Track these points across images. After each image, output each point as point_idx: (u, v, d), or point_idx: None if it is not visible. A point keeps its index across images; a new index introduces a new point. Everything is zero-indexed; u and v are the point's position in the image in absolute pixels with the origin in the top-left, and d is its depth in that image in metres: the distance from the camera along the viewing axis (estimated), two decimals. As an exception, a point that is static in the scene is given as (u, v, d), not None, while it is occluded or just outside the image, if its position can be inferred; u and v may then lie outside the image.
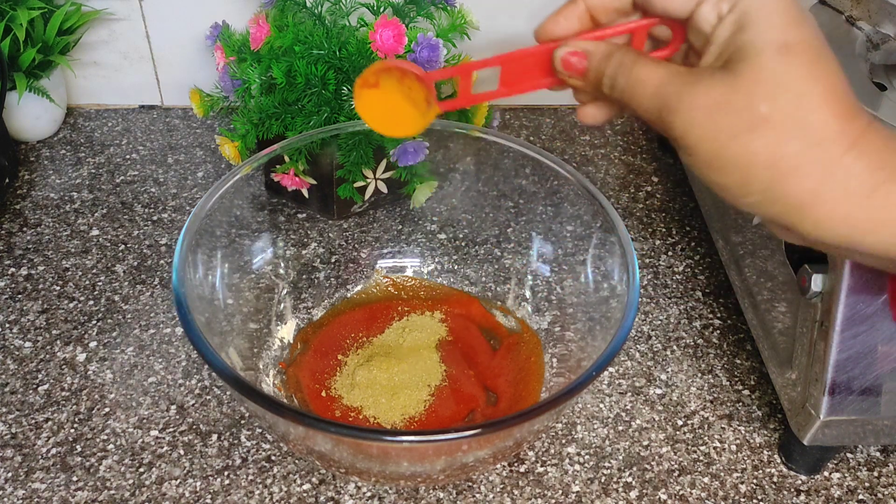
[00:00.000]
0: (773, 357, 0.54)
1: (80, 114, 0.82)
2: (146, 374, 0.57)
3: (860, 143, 0.27)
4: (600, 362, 0.42)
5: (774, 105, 0.27)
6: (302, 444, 0.45)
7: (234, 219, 0.55)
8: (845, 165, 0.27)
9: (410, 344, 0.57)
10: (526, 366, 0.56)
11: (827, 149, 0.27)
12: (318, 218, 0.66)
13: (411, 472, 0.46)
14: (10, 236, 0.68)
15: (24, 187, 0.73)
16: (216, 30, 0.69)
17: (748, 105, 0.28)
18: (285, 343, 0.57)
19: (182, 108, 0.84)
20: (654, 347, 0.61)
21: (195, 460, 0.52)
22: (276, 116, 0.62)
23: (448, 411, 0.53)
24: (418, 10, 0.67)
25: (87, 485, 0.51)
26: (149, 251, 0.67)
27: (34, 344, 0.59)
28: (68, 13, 0.74)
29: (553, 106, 0.86)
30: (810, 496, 0.52)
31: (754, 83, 0.27)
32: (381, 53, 0.62)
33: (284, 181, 0.64)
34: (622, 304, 0.46)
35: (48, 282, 0.64)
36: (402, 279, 0.62)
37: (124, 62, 0.81)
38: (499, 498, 0.51)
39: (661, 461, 0.54)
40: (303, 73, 0.61)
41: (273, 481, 0.51)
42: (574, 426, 0.55)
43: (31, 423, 0.54)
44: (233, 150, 0.66)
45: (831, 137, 0.27)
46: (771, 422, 0.56)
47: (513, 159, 0.59)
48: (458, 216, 0.65)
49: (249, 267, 0.58)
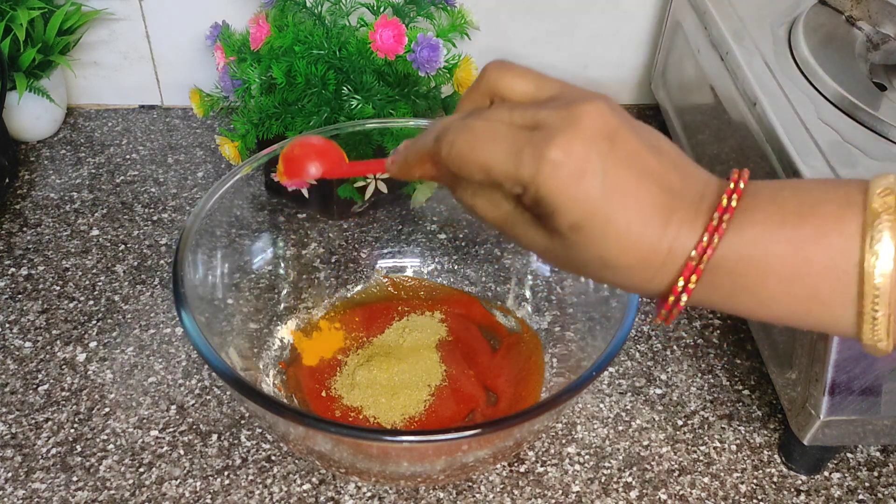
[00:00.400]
0: (773, 357, 0.54)
1: (80, 114, 0.82)
2: (146, 374, 0.57)
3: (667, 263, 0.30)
4: (600, 362, 0.42)
5: (586, 264, 0.31)
6: (302, 444, 0.45)
7: (234, 219, 0.55)
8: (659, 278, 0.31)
9: (410, 344, 0.57)
10: (526, 366, 0.56)
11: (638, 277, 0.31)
12: (318, 218, 0.66)
13: (411, 472, 0.46)
14: (10, 236, 0.68)
15: (24, 187, 0.73)
16: (216, 30, 0.69)
17: (567, 260, 0.32)
18: (285, 343, 0.57)
19: (182, 108, 0.84)
20: (654, 347, 0.61)
21: (195, 460, 0.52)
22: (276, 116, 0.62)
23: (448, 411, 0.53)
24: (418, 10, 0.67)
25: (87, 485, 0.51)
26: (149, 251, 0.67)
27: (34, 344, 0.59)
28: (68, 13, 0.74)
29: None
30: (810, 496, 0.52)
31: (564, 249, 0.31)
32: (381, 53, 0.62)
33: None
34: (622, 304, 0.46)
35: (48, 282, 0.64)
36: (402, 279, 0.62)
37: (124, 62, 0.81)
38: (499, 498, 0.51)
39: (661, 461, 0.54)
40: (303, 73, 0.61)
41: (273, 481, 0.51)
42: (574, 426, 0.55)
43: (31, 423, 0.54)
44: (233, 150, 0.66)
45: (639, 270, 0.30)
46: (771, 422, 0.56)
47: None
48: (458, 216, 0.65)
49: (249, 267, 0.58)
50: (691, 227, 0.30)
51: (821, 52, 0.61)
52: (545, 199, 0.29)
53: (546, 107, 0.31)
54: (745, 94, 0.59)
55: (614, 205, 0.29)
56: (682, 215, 0.30)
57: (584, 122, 0.29)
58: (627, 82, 0.86)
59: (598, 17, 0.81)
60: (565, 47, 0.82)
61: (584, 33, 0.82)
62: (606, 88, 0.86)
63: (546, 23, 0.81)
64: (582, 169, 0.29)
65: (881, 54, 0.63)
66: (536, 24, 0.81)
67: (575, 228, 0.30)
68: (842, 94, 0.56)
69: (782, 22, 0.66)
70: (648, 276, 0.30)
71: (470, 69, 0.66)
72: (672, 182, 0.30)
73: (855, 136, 0.54)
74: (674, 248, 0.30)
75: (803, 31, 0.63)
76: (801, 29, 0.63)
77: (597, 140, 0.29)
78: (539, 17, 0.80)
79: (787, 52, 0.62)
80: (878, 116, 0.55)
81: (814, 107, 0.56)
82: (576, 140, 0.29)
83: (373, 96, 0.62)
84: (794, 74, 0.60)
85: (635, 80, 0.86)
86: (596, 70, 0.85)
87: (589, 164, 0.29)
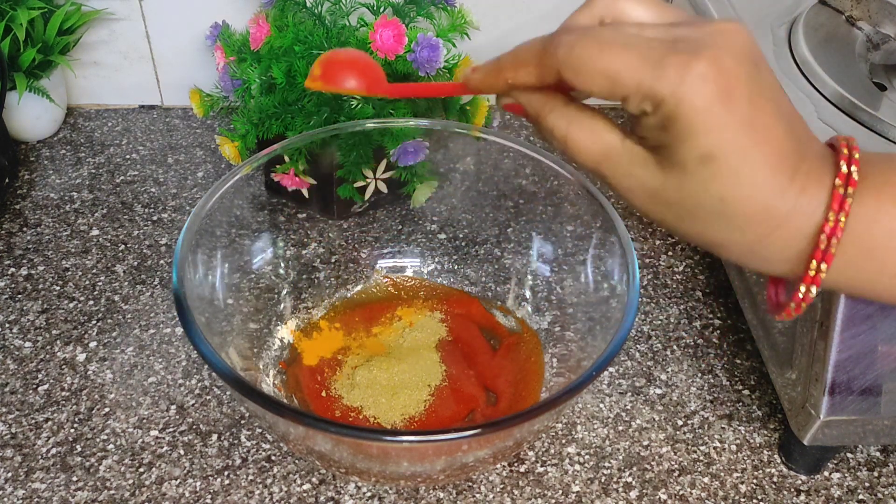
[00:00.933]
0: (773, 357, 0.54)
1: (80, 114, 0.82)
2: (146, 374, 0.57)
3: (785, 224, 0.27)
4: (600, 362, 0.42)
5: (699, 206, 0.28)
6: (302, 444, 0.45)
7: (234, 219, 0.55)
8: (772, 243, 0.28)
9: (410, 344, 0.57)
10: (526, 366, 0.56)
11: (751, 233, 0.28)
12: (318, 218, 0.66)
13: (411, 472, 0.46)
14: (10, 236, 0.68)
15: (24, 187, 0.73)
16: (216, 30, 0.69)
17: (679, 202, 0.28)
18: (285, 343, 0.57)
19: (182, 108, 0.84)
20: (654, 347, 0.61)
21: (195, 460, 0.52)
22: (276, 116, 0.62)
23: (448, 411, 0.53)
24: (418, 10, 0.67)
25: (87, 485, 0.51)
26: (149, 251, 0.67)
27: (34, 344, 0.59)
28: (68, 13, 0.74)
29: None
30: (810, 496, 0.52)
31: (679, 188, 0.28)
32: (381, 53, 0.62)
33: (284, 181, 0.64)
34: (622, 304, 0.46)
35: (48, 282, 0.64)
36: (402, 279, 0.62)
37: (124, 62, 0.81)
38: (499, 498, 0.51)
39: (661, 461, 0.54)
40: (303, 73, 0.61)
41: (273, 481, 0.51)
42: (574, 426, 0.55)
43: (31, 423, 0.54)
44: (233, 150, 0.66)
45: (756, 223, 0.28)
46: (771, 422, 0.56)
47: (513, 159, 0.59)
48: (458, 216, 0.65)
49: (249, 267, 0.58)
50: (817, 188, 0.27)
51: (821, 52, 0.61)
52: (683, 118, 0.26)
53: (680, 26, 0.28)
54: (745, 94, 0.59)
55: (754, 138, 0.26)
56: (808, 170, 0.27)
57: (732, 40, 0.26)
58: (627, 82, 0.86)
59: (598, 17, 0.81)
60: (565, 47, 0.82)
61: (584, 33, 0.82)
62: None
63: (546, 23, 0.80)
64: (731, 88, 0.26)
65: (881, 54, 0.63)
66: (536, 24, 0.81)
67: (706, 159, 0.26)
68: (842, 94, 0.56)
69: (782, 22, 0.66)
70: (761, 234, 0.28)
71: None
72: (799, 131, 0.28)
73: (855, 136, 0.54)
74: (797, 209, 0.27)
75: (803, 31, 0.63)
76: (801, 29, 0.63)
77: (745, 61, 0.26)
78: (539, 16, 0.80)
79: (787, 52, 0.62)
80: (878, 116, 0.55)
81: (814, 107, 0.56)
82: (727, 56, 0.26)
83: (373, 96, 0.62)
84: (794, 74, 0.60)
85: (635, 80, 0.86)
86: (596, 70, 0.84)
87: (738, 84, 0.26)
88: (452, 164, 0.63)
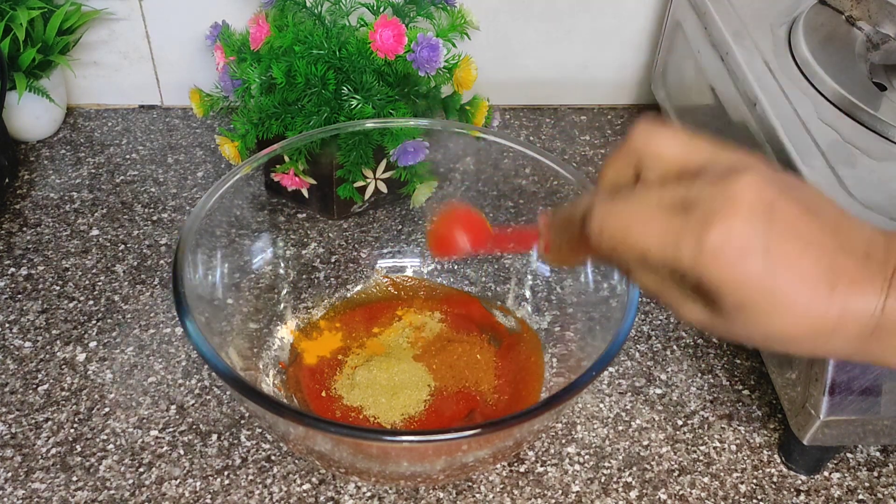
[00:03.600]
0: (773, 357, 0.54)
1: (80, 114, 0.82)
2: (146, 374, 0.57)
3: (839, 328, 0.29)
4: (600, 362, 0.42)
5: (751, 339, 0.31)
6: (302, 444, 0.45)
7: (234, 219, 0.55)
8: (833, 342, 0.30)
9: (410, 344, 0.57)
10: (526, 366, 0.56)
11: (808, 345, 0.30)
12: (318, 218, 0.66)
13: (411, 472, 0.46)
14: (10, 236, 0.68)
15: (24, 187, 0.73)
16: (216, 30, 0.69)
17: (732, 335, 0.31)
18: (285, 343, 0.57)
19: (182, 108, 0.84)
20: (654, 347, 0.61)
21: (195, 460, 0.52)
22: (276, 116, 0.62)
23: (448, 411, 0.53)
24: (418, 10, 0.67)
25: (87, 485, 0.51)
26: (149, 251, 0.67)
27: (34, 344, 0.59)
28: (68, 13, 0.74)
29: (553, 106, 0.86)
30: (810, 496, 0.52)
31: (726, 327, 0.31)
32: (381, 53, 0.62)
33: (284, 181, 0.64)
34: (622, 303, 0.46)
35: (48, 282, 0.64)
36: (402, 279, 0.62)
37: (124, 62, 0.81)
38: (499, 498, 0.51)
39: (661, 461, 0.54)
40: (303, 73, 0.61)
41: (273, 481, 0.51)
42: (574, 426, 0.55)
43: (31, 423, 0.54)
44: (233, 150, 0.66)
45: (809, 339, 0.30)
46: (771, 422, 0.56)
47: (513, 159, 0.59)
48: (458, 216, 0.65)
49: (249, 267, 0.58)
50: (862, 289, 0.29)
51: (821, 52, 0.61)
52: (706, 283, 0.29)
53: (697, 181, 0.30)
54: (746, 95, 0.59)
55: (778, 280, 0.28)
56: (850, 278, 0.29)
57: (740, 199, 0.28)
58: (627, 83, 0.86)
59: (598, 18, 0.81)
60: (565, 47, 0.83)
61: (584, 33, 0.82)
62: (606, 89, 0.86)
63: (546, 23, 0.81)
64: (744, 250, 0.28)
65: (881, 54, 0.63)
66: (536, 24, 0.81)
67: (739, 308, 0.29)
68: (842, 94, 0.57)
69: (782, 22, 0.66)
70: (821, 343, 0.30)
71: (470, 69, 0.66)
72: (834, 244, 0.29)
73: (855, 136, 0.54)
74: (845, 313, 0.29)
75: (803, 31, 0.63)
76: (801, 29, 0.63)
77: (755, 216, 0.28)
78: (539, 17, 0.80)
79: (787, 52, 0.62)
80: (878, 116, 0.55)
81: (814, 107, 0.57)
82: (735, 221, 0.28)
83: (373, 96, 0.62)
84: (794, 74, 0.60)
85: (635, 80, 0.86)
86: (596, 70, 0.85)
87: (750, 243, 0.28)
88: (452, 164, 0.63)
